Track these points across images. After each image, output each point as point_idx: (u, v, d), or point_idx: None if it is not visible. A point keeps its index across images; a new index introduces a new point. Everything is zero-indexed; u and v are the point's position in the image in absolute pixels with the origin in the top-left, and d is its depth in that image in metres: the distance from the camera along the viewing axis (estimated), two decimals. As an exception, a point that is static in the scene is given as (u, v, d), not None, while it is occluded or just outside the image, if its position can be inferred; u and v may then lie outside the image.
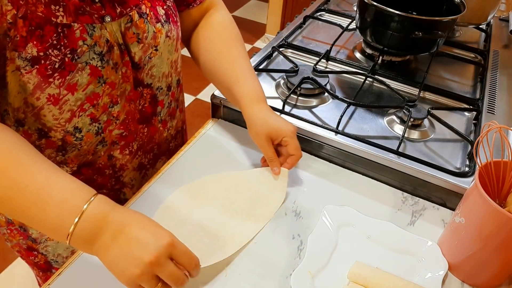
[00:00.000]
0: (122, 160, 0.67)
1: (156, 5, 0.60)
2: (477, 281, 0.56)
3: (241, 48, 0.71)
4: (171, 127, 0.75)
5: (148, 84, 0.64)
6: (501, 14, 1.23)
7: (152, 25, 0.59)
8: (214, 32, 0.71)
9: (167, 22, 0.62)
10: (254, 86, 0.67)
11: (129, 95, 0.62)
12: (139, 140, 0.68)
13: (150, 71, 0.63)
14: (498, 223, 0.48)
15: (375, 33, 0.90)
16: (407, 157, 0.68)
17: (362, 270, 0.54)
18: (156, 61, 0.63)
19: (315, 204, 0.65)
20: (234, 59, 0.69)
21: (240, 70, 0.68)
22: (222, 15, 0.73)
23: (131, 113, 0.64)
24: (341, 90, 0.86)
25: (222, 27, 0.72)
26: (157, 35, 0.60)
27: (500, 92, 0.87)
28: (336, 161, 0.73)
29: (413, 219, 0.64)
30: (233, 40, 0.71)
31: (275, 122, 0.64)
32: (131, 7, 0.56)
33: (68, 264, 0.54)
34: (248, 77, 0.68)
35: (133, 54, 0.59)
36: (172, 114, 0.73)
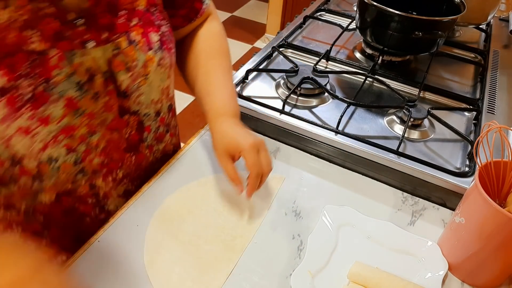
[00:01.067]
0: (105, 188, 0.62)
1: (149, 31, 0.56)
2: (477, 281, 0.56)
3: (222, 59, 0.68)
4: (157, 151, 0.70)
5: (134, 111, 0.60)
6: (501, 14, 1.23)
7: (143, 53, 0.55)
8: (199, 42, 0.69)
9: (160, 49, 0.58)
10: (224, 99, 0.63)
11: (112, 124, 0.57)
12: (125, 168, 0.64)
13: (138, 99, 0.59)
14: (498, 223, 0.48)
15: (375, 33, 0.90)
16: (407, 157, 0.68)
17: (362, 270, 0.54)
18: (145, 89, 0.59)
19: (315, 204, 0.65)
20: (210, 70, 0.66)
21: (214, 82, 0.65)
22: (212, 25, 0.71)
23: (113, 142, 0.59)
24: (341, 90, 0.86)
25: (207, 37, 0.70)
26: (148, 64, 0.56)
27: (500, 92, 0.87)
28: (336, 161, 0.73)
29: (413, 219, 0.64)
30: (215, 51, 0.69)
31: (233, 135, 0.59)
32: (120, 33, 0.52)
33: (68, 264, 0.54)
34: (220, 90, 0.64)
35: (119, 82, 0.54)
36: (159, 138, 0.68)
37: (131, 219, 0.60)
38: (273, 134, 0.77)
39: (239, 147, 0.57)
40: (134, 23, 0.54)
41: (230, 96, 0.64)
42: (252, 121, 0.77)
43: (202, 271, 0.54)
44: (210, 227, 0.60)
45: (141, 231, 0.59)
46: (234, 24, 3.23)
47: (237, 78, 0.82)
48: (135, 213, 0.61)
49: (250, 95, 0.80)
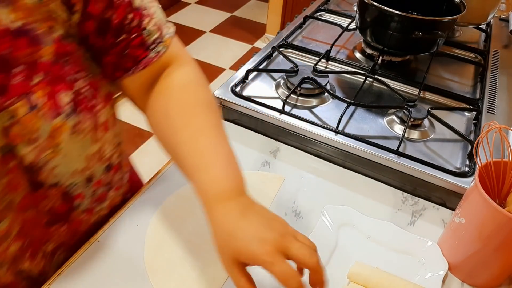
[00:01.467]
0: (37, 267, 0.53)
1: (57, 90, 0.42)
2: (477, 281, 0.56)
3: (207, 116, 0.51)
4: (101, 209, 0.60)
5: (52, 184, 0.48)
6: (501, 14, 1.23)
7: (48, 120, 0.42)
8: (171, 99, 0.51)
9: (74, 112, 0.45)
10: (219, 174, 0.46)
11: (22, 203, 0.47)
12: (55, 240, 0.54)
13: (53, 171, 0.47)
14: (498, 223, 0.48)
15: (375, 33, 0.90)
16: (407, 157, 0.68)
17: (362, 270, 0.54)
18: (59, 161, 0.46)
19: (315, 204, 0.65)
20: (195, 134, 0.49)
21: (201, 151, 0.48)
22: (184, 73, 0.54)
23: (30, 220, 0.49)
24: (341, 90, 0.86)
25: (182, 90, 0.52)
26: (55, 134, 0.44)
27: (500, 92, 0.87)
28: (336, 161, 0.73)
29: (413, 219, 0.64)
30: (196, 106, 0.51)
31: (243, 237, 0.42)
32: (16, 97, 0.39)
33: (68, 264, 0.54)
34: (214, 161, 0.47)
35: (22, 156, 0.43)
36: (100, 199, 0.58)
37: (131, 219, 0.60)
38: (273, 134, 0.77)
39: (255, 258, 0.41)
40: (36, 80, 0.41)
41: (227, 166, 0.47)
42: (252, 121, 0.77)
43: (202, 271, 0.54)
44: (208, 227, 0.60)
45: (141, 231, 0.59)
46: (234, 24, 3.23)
47: (237, 78, 0.82)
48: (135, 213, 0.61)
49: (250, 95, 0.80)
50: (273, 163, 0.72)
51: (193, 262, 0.55)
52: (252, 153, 0.74)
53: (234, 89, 0.79)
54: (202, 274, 0.54)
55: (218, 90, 0.79)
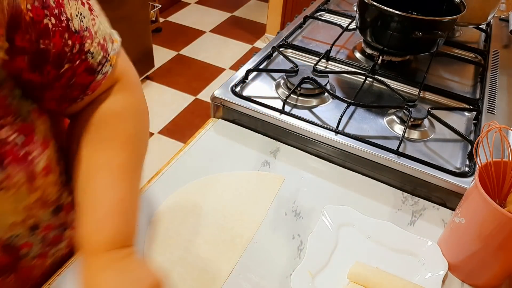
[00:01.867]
0: None
1: None
2: (477, 281, 0.56)
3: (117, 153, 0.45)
4: (59, 250, 0.55)
5: None
6: (501, 14, 1.23)
7: None
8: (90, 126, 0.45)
9: None
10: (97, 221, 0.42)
11: None
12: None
13: None
14: (498, 223, 0.48)
15: (375, 33, 0.90)
16: (407, 157, 0.68)
17: (362, 270, 0.54)
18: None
19: (315, 204, 0.65)
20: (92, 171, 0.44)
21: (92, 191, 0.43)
22: (116, 101, 0.47)
23: None
24: (341, 90, 0.86)
25: (103, 120, 0.46)
26: None
27: (500, 92, 0.87)
28: (336, 161, 0.73)
29: (413, 219, 0.64)
30: (109, 141, 0.46)
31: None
32: None
33: (68, 264, 0.54)
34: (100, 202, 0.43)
35: None
36: (54, 242, 0.53)
37: None
38: (273, 134, 0.77)
39: None
40: None
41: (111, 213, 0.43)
42: (252, 121, 0.77)
43: (202, 271, 0.54)
44: (210, 227, 0.60)
45: (141, 231, 0.59)
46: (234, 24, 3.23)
47: (237, 78, 0.82)
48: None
49: (250, 95, 0.80)
50: (273, 163, 0.72)
51: (193, 262, 0.55)
52: (252, 153, 0.74)
53: (234, 89, 0.79)
54: (202, 274, 0.54)
55: (218, 90, 0.79)
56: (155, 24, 2.94)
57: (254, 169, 0.70)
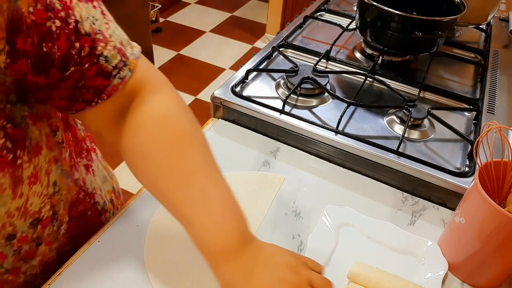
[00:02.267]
0: None
1: None
2: (477, 281, 0.56)
3: (194, 153, 0.44)
4: (31, 268, 0.53)
5: None
6: (501, 14, 1.23)
7: None
8: (148, 137, 0.43)
9: None
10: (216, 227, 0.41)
11: None
12: None
13: None
14: (498, 223, 0.48)
15: (375, 33, 0.90)
16: (407, 157, 0.68)
17: (362, 270, 0.54)
18: None
19: (315, 204, 0.65)
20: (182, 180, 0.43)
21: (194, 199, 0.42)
22: (159, 102, 0.45)
23: None
24: (341, 90, 0.86)
25: (159, 125, 0.44)
26: None
27: (500, 92, 0.87)
28: (336, 161, 0.73)
29: (413, 219, 0.64)
30: (179, 144, 0.43)
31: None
32: None
33: (68, 264, 0.54)
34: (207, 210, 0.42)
35: None
36: (27, 256, 0.51)
37: (131, 219, 0.60)
38: (273, 134, 0.77)
39: None
40: None
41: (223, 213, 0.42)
42: (252, 121, 0.77)
43: (202, 271, 0.54)
44: None
45: (141, 231, 0.59)
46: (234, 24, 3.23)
47: (237, 78, 0.82)
48: (135, 213, 0.61)
49: (250, 95, 0.80)
50: (273, 163, 0.72)
51: (193, 262, 0.55)
52: (252, 153, 0.74)
53: (234, 89, 0.79)
54: (202, 274, 0.54)
55: (218, 90, 0.79)
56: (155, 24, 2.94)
57: (254, 169, 0.70)
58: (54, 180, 0.50)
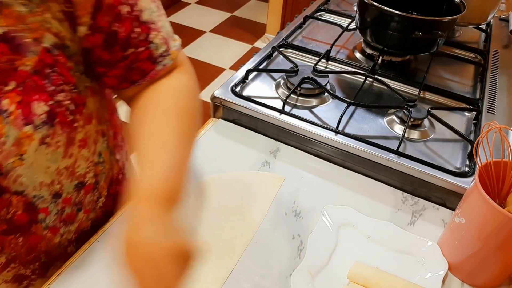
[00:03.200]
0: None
1: (32, 100, 0.42)
2: (477, 281, 0.56)
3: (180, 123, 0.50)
4: (68, 232, 0.58)
5: (17, 192, 0.48)
6: (501, 14, 1.23)
7: (16, 127, 0.42)
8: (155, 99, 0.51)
9: (47, 124, 0.44)
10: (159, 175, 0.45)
11: None
12: (9, 252, 0.52)
13: (18, 180, 0.47)
14: (498, 223, 0.48)
15: (375, 33, 0.90)
16: (407, 157, 0.68)
17: (362, 270, 0.54)
18: (24, 171, 0.46)
19: (315, 204, 0.65)
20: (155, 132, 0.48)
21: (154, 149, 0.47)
22: (177, 79, 0.53)
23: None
24: (341, 90, 0.86)
25: (168, 94, 0.52)
26: (23, 142, 0.43)
27: (500, 92, 0.87)
28: (336, 161, 0.73)
29: (413, 219, 0.64)
30: (173, 111, 0.50)
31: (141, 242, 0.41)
32: None
33: (68, 264, 0.54)
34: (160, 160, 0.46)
35: None
36: (67, 219, 0.56)
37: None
38: (273, 134, 0.77)
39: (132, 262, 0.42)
40: (9, 88, 0.41)
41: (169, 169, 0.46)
42: (252, 121, 0.77)
43: (202, 271, 0.54)
44: (210, 227, 0.60)
45: (141, 231, 0.59)
46: (234, 24, 3.23)
47: (237, 78, 0.82)
48: (135, 213, 0.61)
49: (250, 95, 0.80)
50: (273, 163, 0.72)
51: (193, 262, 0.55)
52: (252, 153, 0.74)
53: (234, 89, 0.79)
54: (202, 274, 0.54)
55: (218, 90, 0.79)
56: (155, 24, 2.94)
57: (254, 169, 0.70)
58: (99, 151, 0.56)
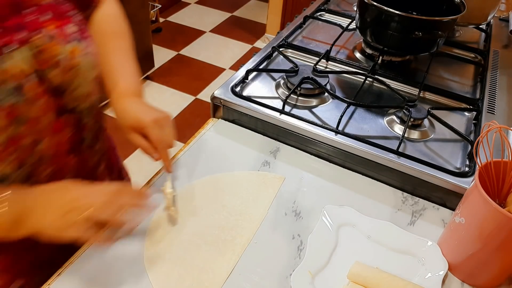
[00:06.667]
0: None
1: (63, 24, 0.54)
2: (477, 281, 0.56)
3: (120, 41, 0.69)
4: (98, 151, 0.68)
5: (72, 109, 0.58)
6: (501, 14, 1.23)
7: (65, 45, 0.53)
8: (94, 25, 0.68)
9: (82, 39, 0.56)
10: (126, 80, 0.65)
11: (53, 127, 0.56)
12: (71, 171, 0.62)
13: (73, 94, 0.57)
14: (498, 223, 0.48)
15: (375, 33, 0.90)
16: (407, 157, 0.68)
17: (362, 270, 0.54)
18: (79, 81, 0.57)
19: (315, 204, 0.65)
20: (109, 52, 0.66)
21: (113, 63, 0.66)
22: (106, 8, 0.70)
23: (57, 146, 0.58)
24: (341, 90, 0.86)
25: (103, 20, 0.69)
26: (73, 55, 0.55)
27: (500, 92, 0.87)
28: (336, 161, 0.73)
29: (413, 219, 0.64)
30: (112, 33, 0.69)
31: (135, 112, 0.60)
32: (34, 31, 0.50)
33: (68, 264, 0.54)
34: (121, 70, 0.65)
35: (50, 80, 0.53)
36: (96, 136, 0.66)
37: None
38: (273, 134, 0.77)
39: (141, 123, 0.59)
40: (46, 18, 0.52)
41: (131, 76, 0.66)
42: (252, 121, 0.77)
43: (202, 271, 0.54)
44: (210, 227, 0.60)
45: (141, 231, 0.59)
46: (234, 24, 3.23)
47: (237, 78, 0.82)
48: (135, 213, 0.61)
49: (250, 95, 0.80)
50: (273, 163, 0.72)
51: (193, 262, 0.55)
52: (252, 153, 0.74)
53: (234, 89, 0.79)
54: (202, 274, 0.54)
55: (218, 90, 0.79)
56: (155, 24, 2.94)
57: (254, 169, 0.70)
58: None
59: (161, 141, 0.58)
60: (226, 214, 0.62)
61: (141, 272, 0.54)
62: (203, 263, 0.55)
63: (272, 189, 0.67)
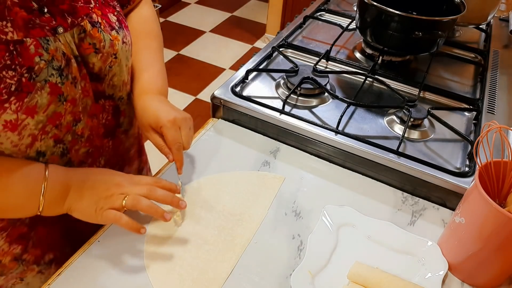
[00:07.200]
0: None
1: (107, 12, 0.58)
2: (477, 281, 0.56)
3: (151, 41, 0.71)
4: (132, 136, 0.73)
5: (109, 95, 0.62)
6: (501, 14, 1.23)
7: (107, 33, 0.57)
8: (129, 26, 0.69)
9: (121, 28, 0.60)
10: (150, 77, 0.66)
11: (91, 110, 0.59)
12: (105, 155, 0.65)
13: (111, 81, 0.61)
14: (498, 223, 0.48)
15: (375, 33, 0.90)
16: (407, 157, 0.68)
17: (362, 270, 0.54)
18: (116, 69, 0.60)
19: (315, 204, 0.65)
20: (138, 50, 0.68)
21: (141, 60, 0.68)
22: (143, 10, 0.74)
23: (94, 129, 0.61)
24: (341, 90, 0.86)
25: (138, 20, 0.72)
26: (114, 43, 0.58)
27: (500, 92, 0.87)
28: (336, 161, 0.73)
29: (413, 219, 0.64)
30: (144, 33, 0.71)
31: (154, 111, 0.61)
32: (82, 17, 0.53)
33: (68, 264, 0.54)
34: (147, 68, 0.67)
35: (91, 65, 0.56)
36: (131, 122, 0.71)
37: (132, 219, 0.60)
38: (273, 134, 0.77)
39: (159, 122, 0.59)
40: (92, 5, 0.55)
41: (156, 74, 0.67)
42: (252, 121, 0.77)
43: (202, 271, 0.54)
44: (210, 227, 0.60)
45: (141, 231, 0.59)
46: (234, 24, 3.23)
47: (237, 78, 0.82)
48: (135, 213, 0.61)
49: (250, 95, 0.80)
50: (273, 163, 0.72)
51: (193, 262, 0.55)
52: (252, 153, 0.74)
53: (234, 89, 0.79)
54: (202, 274, 0.54)
55: (218, 90, 0.79)
56: (155, 24, 2.94)
57: (254, 169, 0.70)
58: None
59: (175, 142, 0.59)
60: (226, 214, 0.62)
61: (141, 272, 0.54)
62: (203, 263, 0.55)
63: (272, 189, 0.67)
